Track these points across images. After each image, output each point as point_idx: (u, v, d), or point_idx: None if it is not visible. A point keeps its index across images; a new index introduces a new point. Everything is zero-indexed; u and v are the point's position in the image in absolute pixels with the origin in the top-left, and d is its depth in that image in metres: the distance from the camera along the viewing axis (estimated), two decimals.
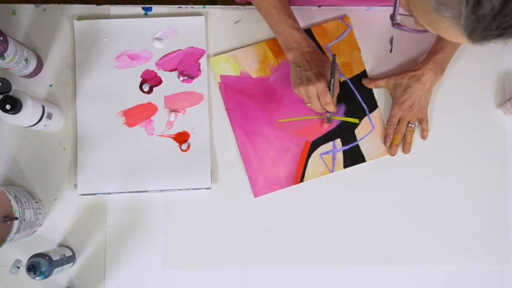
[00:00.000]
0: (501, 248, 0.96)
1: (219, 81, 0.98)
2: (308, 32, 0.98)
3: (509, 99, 0.96)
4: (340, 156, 0.97)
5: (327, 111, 0.92)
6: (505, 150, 0.98)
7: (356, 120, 0.98)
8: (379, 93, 0.99)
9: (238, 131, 0.97)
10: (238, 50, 0.99)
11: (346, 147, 0.97)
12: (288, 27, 0.91)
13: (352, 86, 0.98)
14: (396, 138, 0.96)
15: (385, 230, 0.96)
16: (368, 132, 0.97)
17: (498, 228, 0.96)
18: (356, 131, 0.97)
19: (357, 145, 0.97)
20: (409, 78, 0.94)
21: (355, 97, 0.98)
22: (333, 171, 0.96)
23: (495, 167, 0.97)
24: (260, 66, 0.99)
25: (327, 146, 0.97)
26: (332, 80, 0.88)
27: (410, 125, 0.96)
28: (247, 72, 0.99)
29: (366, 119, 0.98)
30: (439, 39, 0.94)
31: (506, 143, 0.98)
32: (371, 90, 0.98)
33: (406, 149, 0.97)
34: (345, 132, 0.97)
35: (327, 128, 0.97)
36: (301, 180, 0.96)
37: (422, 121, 0.97)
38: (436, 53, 0.93)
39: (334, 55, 0.89)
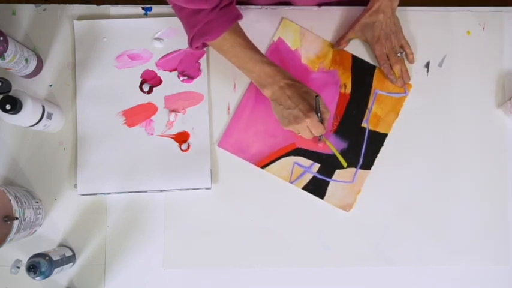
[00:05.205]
0: (501, 248, 0.96)
1: (275, 40, 0.98)
2: (372, 69, 0.98)
3: (509, 99, 0.96)
4: (307, 177, 0.96)
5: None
6: (505, 150, 0.98)
7: (344, 164, 0.96)
8: (381, 160, 0.97)
9: (252, 87, 0.97)
10: (310, 32, 0.99)
11: (318, 175, 0.96)
12: (257, 63, 0.87)
13: (365, 137, 0.97)
14: (396, 70, 0.96)
15: (385, 230, 0.96)
16: (344, 181, 0.96)
17: (498, 228, 0.96)
18: (337, 170, 0.96)
19: (328, 182, 0.96)
20: (369, 15, 0.94)
21: (361, 147, 0.97)
22: (291, 182, 0.96)
23: (495, 167, 0.97)
24: (314, 59, 0.98)
25: (305, 161, 0.96)
26: (319, 114, 0.86)
27: (398, 54, 0.96)
28: (300, 54, 0.98)
29: (352, 169, 0.96)
30: None
31: (506, 143, 0.98)
32: (378, 149, 0.97)
33: (406, 77, 0.97)
34: (328, 164, 0.96)
35: (321, 146, 0.96)
36: (263, 167, 0.96)
37: (405, 46, 0.97)
38: None
39: (317, 96, 0.86)
